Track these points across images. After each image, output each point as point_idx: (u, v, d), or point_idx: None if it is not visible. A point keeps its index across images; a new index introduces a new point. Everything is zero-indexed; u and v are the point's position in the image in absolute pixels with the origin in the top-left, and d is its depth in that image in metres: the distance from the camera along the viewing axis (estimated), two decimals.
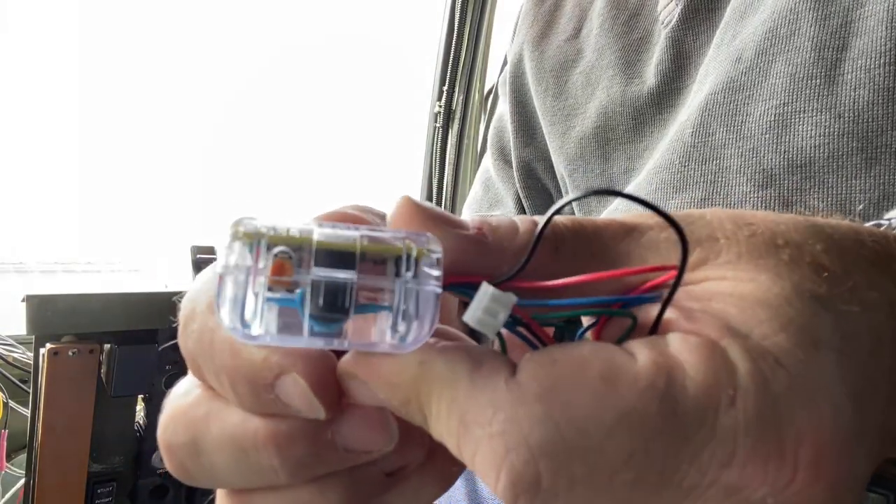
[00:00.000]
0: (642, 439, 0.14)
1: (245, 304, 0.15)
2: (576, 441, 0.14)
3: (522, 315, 0.16)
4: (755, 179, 0.31)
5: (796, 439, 0.14)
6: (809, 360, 0.14)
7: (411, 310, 0.16)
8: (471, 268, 0.17)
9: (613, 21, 0.45)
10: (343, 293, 0.15)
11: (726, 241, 0.16)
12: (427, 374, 0.16)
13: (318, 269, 0.15)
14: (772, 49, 0.31)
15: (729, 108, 0.32)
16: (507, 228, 0.17)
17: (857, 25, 0.28)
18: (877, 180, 0.27)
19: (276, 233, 0.15)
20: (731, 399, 0.14)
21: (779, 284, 0.15)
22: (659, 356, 0.14)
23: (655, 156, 0.38)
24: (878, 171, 0.27)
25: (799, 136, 0.29)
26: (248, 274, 0.15)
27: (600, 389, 0.14)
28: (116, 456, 0.75)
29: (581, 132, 0.45)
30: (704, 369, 0.14)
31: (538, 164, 0.52)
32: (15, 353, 0.82)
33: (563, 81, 0.48)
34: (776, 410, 0.14)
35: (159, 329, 0.71)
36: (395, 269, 0.16)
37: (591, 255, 0.17)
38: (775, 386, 0.14)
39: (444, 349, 0.16)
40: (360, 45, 1.63)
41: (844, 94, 0.28)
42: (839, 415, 0.14)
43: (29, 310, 0.62)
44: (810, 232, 0.17)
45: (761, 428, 0.14)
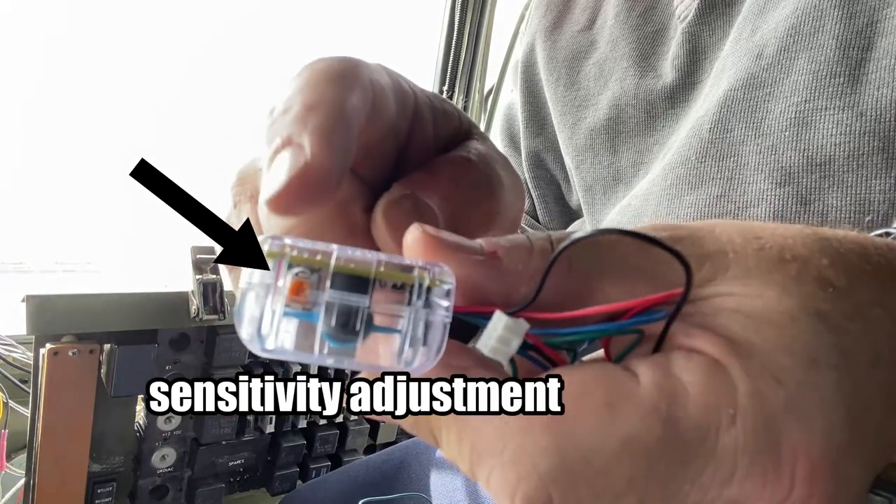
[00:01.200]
0: (646, 463, 0.14)
1: (263, 319, 0.16)
2: (582, 468, 0.14)
3: (534, 341, 0.17)
4: (773, 177, 0.31)
5: (792, 455, 0.14)
6: (807, 378, 0.14)
7: (419, 337, 0.16)
8: (486, 291, 0.17)
9: (629, 13, 0.45)
10: (355, 316, 0.16)
11: (735, 256, 0.17)
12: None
13: (334, 291, 0.16)
14: (794, 46, 0.31)
15: (749, 104, 0.32)
16: (521, 251, 0.18)
17: (884, 25, 0.28)
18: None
19: (297, 253, 0.16)
20: (731, 418, 0.14)
21: (785, 302, 0.15)
22: (662, 377, 0.15)
23: (669, 151, 0.37)
24: None
25: (819, 133, 0.29)
26: (268, 291, 0.16)
27: (604, 415, 0.15)
28: (116, 456, 0.75)
29: (592, 123, 0.45)
30: (706, 390, 0.14)
31: (547, 155, 0.52)
32: (15, 353, 0.82)
33: (576, 72, 0.48)
34: (773, 427, 0.14)
35: (159, 329, 0.71)
36: (409, 296, 0.16)
37: (604, 270, 0.17)
38: (773, 403, 0.14)
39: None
40: (360, 46, 1.63)
41: (868, 94, 0.28)
42: (834, 431, 0.14)
43: (29, 310, 0.62)
44: (817, 246, 0.17)
45: (759, 445, 0.14)
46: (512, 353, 0.16)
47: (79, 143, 1.33)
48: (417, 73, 1.39)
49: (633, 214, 0.37)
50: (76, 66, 1.33)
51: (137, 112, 1.39)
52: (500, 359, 0.16)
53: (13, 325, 0.79)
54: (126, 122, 1.38)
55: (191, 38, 1.46)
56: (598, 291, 0.17)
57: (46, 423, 0.64)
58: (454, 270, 0.17)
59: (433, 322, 0.16)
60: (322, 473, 0.90)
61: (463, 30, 1.28)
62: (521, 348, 0.16)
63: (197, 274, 0.70)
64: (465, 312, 0.17)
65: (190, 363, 0.76)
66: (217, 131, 1.52)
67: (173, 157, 1.39)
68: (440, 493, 0.52)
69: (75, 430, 0.67)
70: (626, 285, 0.17)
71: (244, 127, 1.55)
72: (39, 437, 0.65)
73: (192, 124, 1.47)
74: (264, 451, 0.88)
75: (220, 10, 1.51)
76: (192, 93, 1.48)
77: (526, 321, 0.16)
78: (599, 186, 0.44)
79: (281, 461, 0.87)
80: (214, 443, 0.81)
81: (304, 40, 1.56)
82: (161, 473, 0.78)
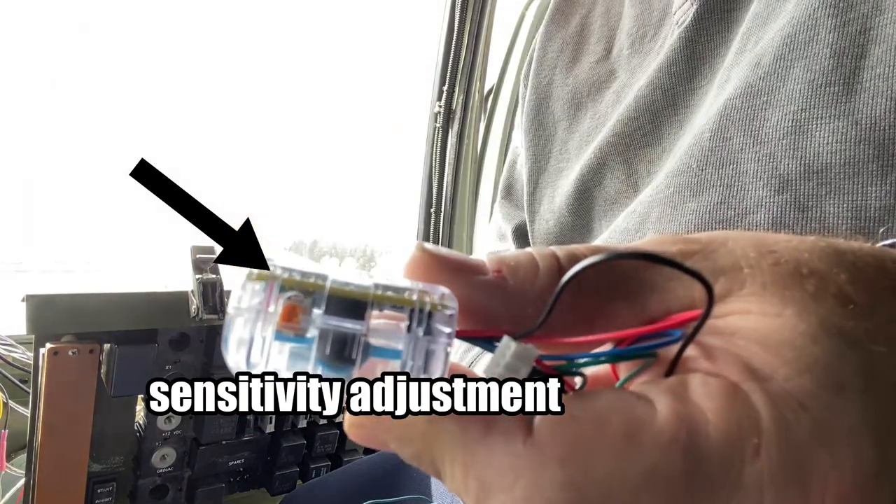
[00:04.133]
0: (668, 497, 0.13)
1: (252, 346, 0.15)
2: (600, 503, 0.14)
3: (543, 367, 0.16)
4: (771, 184, 0.31)
5: (822, 488, 0.14)
6: (833, 403, 0.14)
7: (420, 364, 0.15)
8: (492, 313, 0.17)
9: (642, 40, 0.45)
10: (351, 343, 0.15)
11: (750, 271, 0.16)
12: (437, 433, 0.15)
13: (328, 316, 0.15)
14: (790, 55, 0.31)
15: (747, 113, 0.33)
16: (527, 269, 0.17)
17: (877, 33, 0.28)
18: (892, 187, 0.27)
19: (290, 276, 0.15)
20: (755, 448, 0.13)
21: (805, 321, 0.15)
22: (680, 405, 0.14)
23: (673, 158, 0.38)
24: (894, 179, 0.27)
25: (816, 141, 0.29)
26: (259, 316, 0.15)
27: (622, 448, 0.14)
28: (116, 456, 0.75)
29: (602, 141, 0.45)
30: (727, 417, 0.14)
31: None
32: (15, 353, 0.82)
33: (598, 102, 0.48)
34: (801, 458, 0.13)
35: (159, 329, 0.71)
36: (409, 322, 0.16)
37: (614, 287, 0.17)
38: (799, 432, 0.14)
39: None
40: (360, 46, 1.63)
41: (862, 102, 0.28)
42: (864, 461, 0.14)
43: (29, 309, 0.62)
44: (834, 260, 0.16)
45: (786, 477, 0.13)
46: (521, 380, 0.15)
47: (79, 144, 1.33)
48: (417, 73, 1.39)
49: (637, 220, 0.38)
50: (76, 66, 1.33)
51: (137, 112, 1.39)
52: None
53: (13, 325, 0.79)
54: (126, 123, 1.38)
55: (190, 38, 1.46)
56: (609, 310, 0.17)
57: (46, 423, 0.64)
58: (457, 292, 0.16)
59: (434, 351, 0.15)
60: (322, 473, 0.90)
61: (463, 30, 1.28)
62: (530, 375, 0.16)
63: (197, 274, 0.70)
64: (471, 337, 0.16)
65: (190, 363, 0.75)
66: (217, 131, 1.52)
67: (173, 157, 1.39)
68: (441, 493, 0.52)
69: (75, 430, 0.67)
70: (637, 302, 0.17)
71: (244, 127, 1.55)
72: (39, 437, 0.64)
73: (191, 124, 1.47)
74: (264, 450, 0.88)
75: (218, 10, 1.51)
76: (192, 93, 1.48)
77: (535, 347, 0.15)
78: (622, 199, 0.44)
79: (281, 461, 0.87)
80: (214, 443, 0.80)
81: (303, 40, 1.55)
82: (161, 473, 0.78)
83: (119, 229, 1.35)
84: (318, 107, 1.67)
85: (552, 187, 0.50)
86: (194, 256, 0.72)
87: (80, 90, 1.32)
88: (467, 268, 0.17)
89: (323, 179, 1.67)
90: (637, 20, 0.46)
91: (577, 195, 0.46)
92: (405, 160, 1.45)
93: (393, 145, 1.71)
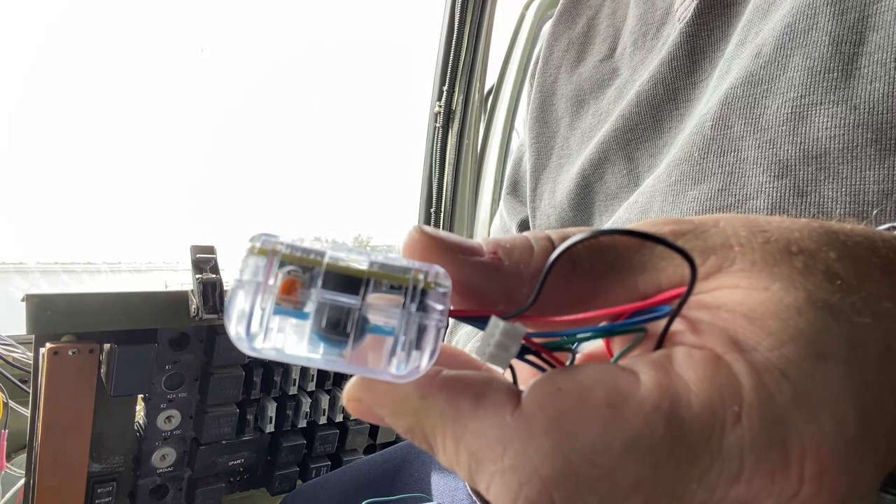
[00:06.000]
0: (651, 464, 0.14)
1: (252, 317, 0.16)
2: (586, 471, 0.14)
3: (532, 344, 0.16)
4: (771, 170, 0.31)
5: (801, 451, 0.14)
6: (815, 372, 0.14)
7: (412, 340, 0.16)
8: (488, 293, 0.17)
9: (644, 38, 0.46)
10: (346, 317, 0.16)
11: (740, 249, 0.16)
12: (429, 408, 0.16)
13: (325, 291, 0.16)
14: (790, 44, 0.32)
15: (748, 101, 0.33)
16: (522, 251, 0.17)
17: (875, 20, 0.29)
18: (890, 171, 0.28)
19: (289, 251, 0.16)
20: (736, 416, 0.14)
21: (791, 294, 0.15)
22: (663, 376, 0.15)
23: (674, 150, 0.38)
24: (892, 163, 0.28)
25: (815, 127, 0.30)
26: (258, 289, 0.16)
27: (607, 417, 0.14)
28: (116, 456, 0.75)
29: (603, 136, 0.45)
30: (709, 387, 0.14)
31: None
32: (15, 353, 0.82)
33: (601, 99, 0.49)
34: (781, 424, 0.14)
35: (159, 329, 0.71)
36: (404, 299, 0.16)
37: (607, 268, 0.17)
38: (780, 399, 0.14)
39: (445, 382, 0.16)
40: (360, 46, 1.63)
41: (860, 87, 0.29)
42: (844, 426, 0.14)
43: (29, 309, 0.62)
44: (825, 239, 0.17)
45: (766, 442, 0.14)
46: (511, 359, 0.16)
47: (79, 144, 1.33)
48: (418, 73, 1.39)
49: (639, 210, 0.38)
50: (76, 66, 1.33)
51: (137, 112, 1.39)
52: (499, 365, 0.16)
53: (13, 325, 0.79)
54: (126, 123, 1.38)
55: (190, 38, 1.46)
56: (603, 290, 0.17)
57: (46, 423, 0.64)
58: (453, 272, 0.16)
59: (426, 326, 0.16)
60: (322, 473, 0.90)
61: (463, 30, 1.28)
62: (519, 353, 0.16)
63: (197, 274, 0.70)
64: (462, 316, 0.17)
65: (190, 363, 0.75)
66: (218, 131, 1.52)
67: (177, 157, 1.39)
68: (442, 493, 0.52)
69: (75, 429, 0.67)
70: (629, 282, 0.17)
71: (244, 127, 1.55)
72: (39, 437, 0.64)
73: (195, 124, 1.47)
74: (264, 450, 0.88)
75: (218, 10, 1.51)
76: (194, 93, 1.48)
77: (523, 325, 0.16)
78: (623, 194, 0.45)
79: (281, 461, 0.87)
80: (214, 442, 0.80)
81: (303, 40, 1.56)
82: (161, 473, 0.78)
83: (119, 229, 1.36)
84: (318, 107, 1.67)
85: (553, 182, 0.51)
86: (194, 256, 0.72)
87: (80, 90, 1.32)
88: (464, 249, 0.17)
89: (323, 179, 1.67)
90: (640, 19, 0.47)
91: (579, 190, 0.47)
92: (405, 160, 1.45)
93: (393, 145, 1.71)
